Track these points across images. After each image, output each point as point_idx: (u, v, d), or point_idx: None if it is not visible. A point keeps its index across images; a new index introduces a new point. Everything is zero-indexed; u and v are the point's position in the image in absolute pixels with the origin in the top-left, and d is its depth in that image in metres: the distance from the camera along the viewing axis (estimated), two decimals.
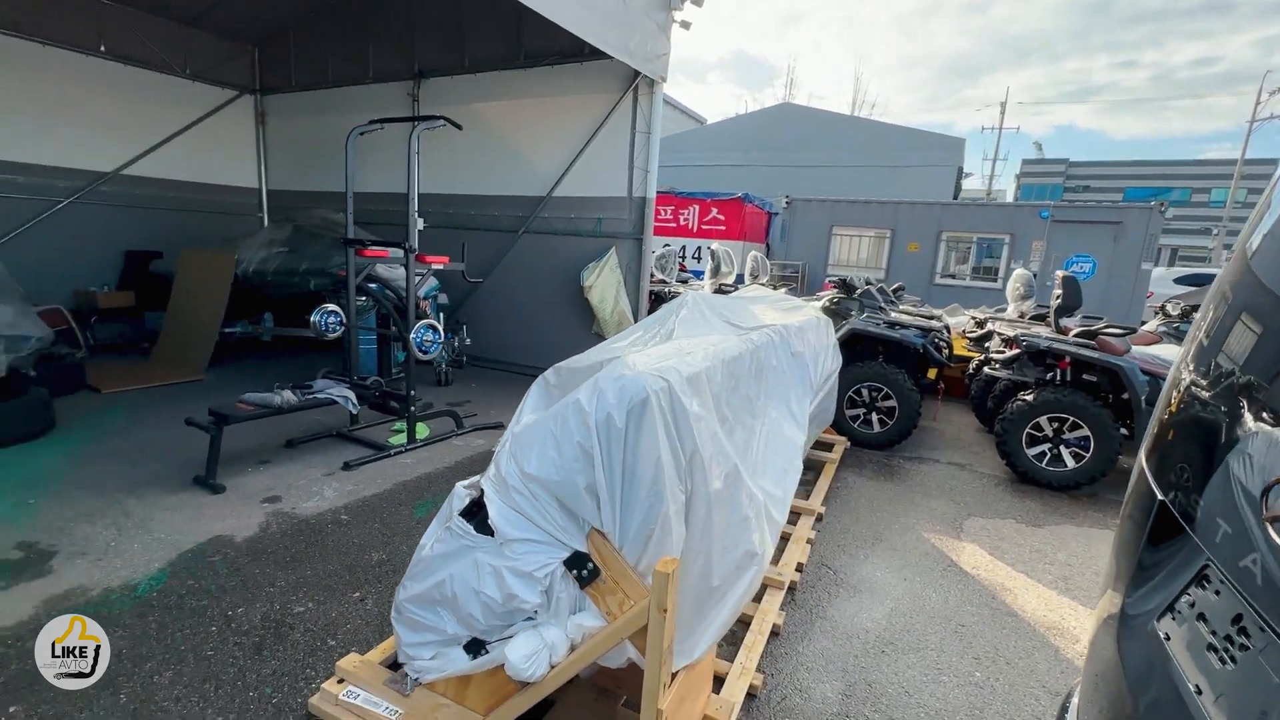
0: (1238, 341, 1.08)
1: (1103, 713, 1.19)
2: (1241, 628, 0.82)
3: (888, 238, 12.50)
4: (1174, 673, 0.88)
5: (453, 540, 1.73)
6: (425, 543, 1.98)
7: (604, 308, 6.05)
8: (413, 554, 1.86)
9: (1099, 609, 1.32)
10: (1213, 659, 0.84)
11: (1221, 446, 0.99)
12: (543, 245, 6.53)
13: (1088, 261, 10.98)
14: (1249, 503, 0.85)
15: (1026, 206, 11.65)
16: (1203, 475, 1.04)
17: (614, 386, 1.50)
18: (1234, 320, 1.10)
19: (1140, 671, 0.99)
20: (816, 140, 21.36)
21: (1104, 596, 1.32)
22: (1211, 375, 1.12)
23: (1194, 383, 1.21)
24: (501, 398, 5.80)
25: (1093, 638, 1.34)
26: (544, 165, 6.39)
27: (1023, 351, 4.55)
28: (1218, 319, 1.15)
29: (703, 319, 2.94)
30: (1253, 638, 0.80)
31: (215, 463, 3.51)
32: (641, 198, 5.93)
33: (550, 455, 1.51)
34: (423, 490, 3.67)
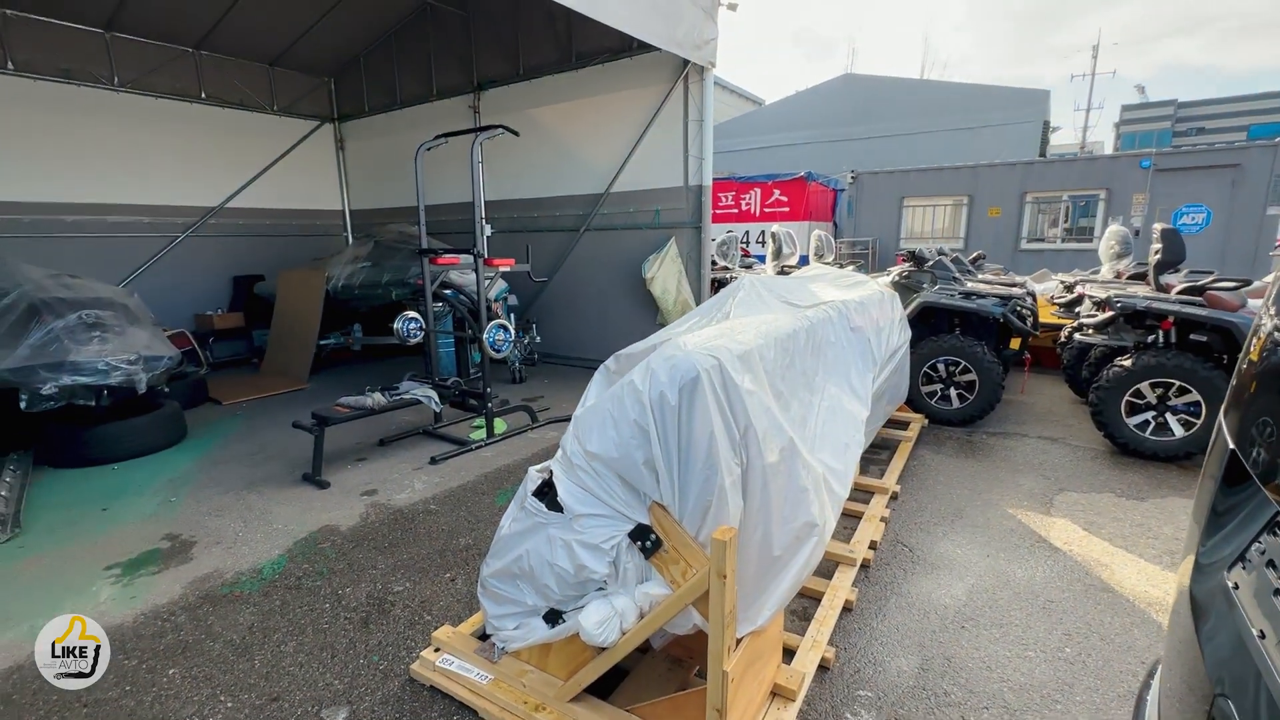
0: None
1: (1184, 679, 1.15)
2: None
3: (965, 204, 11.82)
4: (1239, 619, 0.85)
5: (527, 518, 1.87)
6: (504, 523, 2.13)
7: (666, 298, 6.11)
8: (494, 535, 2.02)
9: (1179, 572, 1.27)
10: (1279, 603, 0.81)
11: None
12: (604, 241, 6.67)
13: (1201, 211, 9.94)
14: None
15: (1124, 157, 10.67)
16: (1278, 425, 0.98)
17: (665, 366, 1.57)
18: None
19: (1208, 621, 0.96)
20: (882, 110, 20.41)
21: (1183, 560, 1.27)
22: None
23: (1276, 328, 1.14)
24: (571, 392, 5.99)
25: (1174, 602, 1.29)
26: (601, 162, 6.53)
27: (1117, 314, 4.22)
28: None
29: (759, 300, 2.96)
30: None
31: (320, 461, 3.87)
32: (698, 186, 5.94)
33: (609, 434, 1.60)
34: (503, 480, 3.89)
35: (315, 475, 3.85)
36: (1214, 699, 0.88)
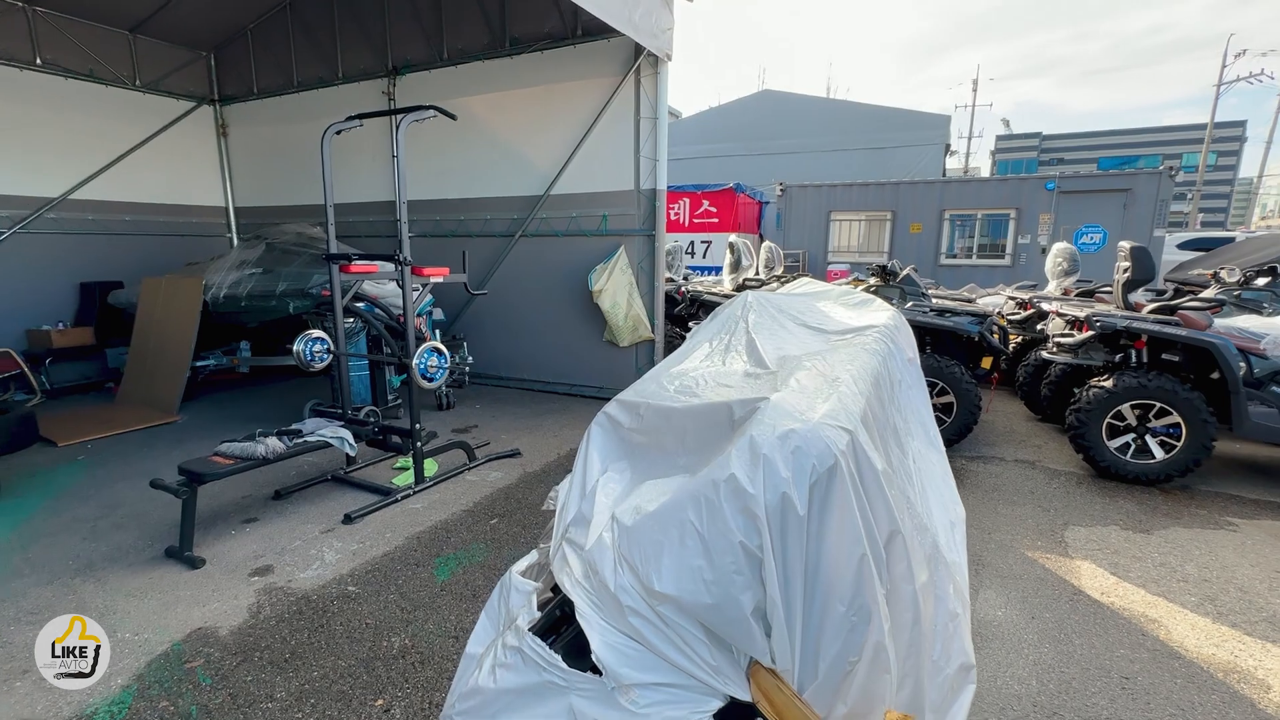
0: None
1: None
2: None
3: (889, 220, 12.10)
4: None
5: (528, 670, 1.21)
6: (474, 652, 1.47)
7: (616, 312, 5.52)
8: (441, 643, 1.33)
9: None
10: None
11: None
12: (543, 249, 5.98)
13: (1098, 232, 10.67)
14: None
15: (1032, 179, 11.30)
16: None
17: (783, 449, 0.98)
18: None
19: None
20: (798, 126, 20.98)
21: None
22: None
23: None
24: (510, 419, 5.25)
25: None
26: (539, 161, 5.84)
27: (1097, 333, 4.10)
28: None
29: (774, 322, 2.43)
30: None
31: (191, 530, 2.93)
32: (651, 190, 5.40)
33: (694, 564, 0.99)
34: (440, 543, 3.12)
35: (184, 550, 2.91)
36: None
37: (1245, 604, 2.66)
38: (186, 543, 2.91)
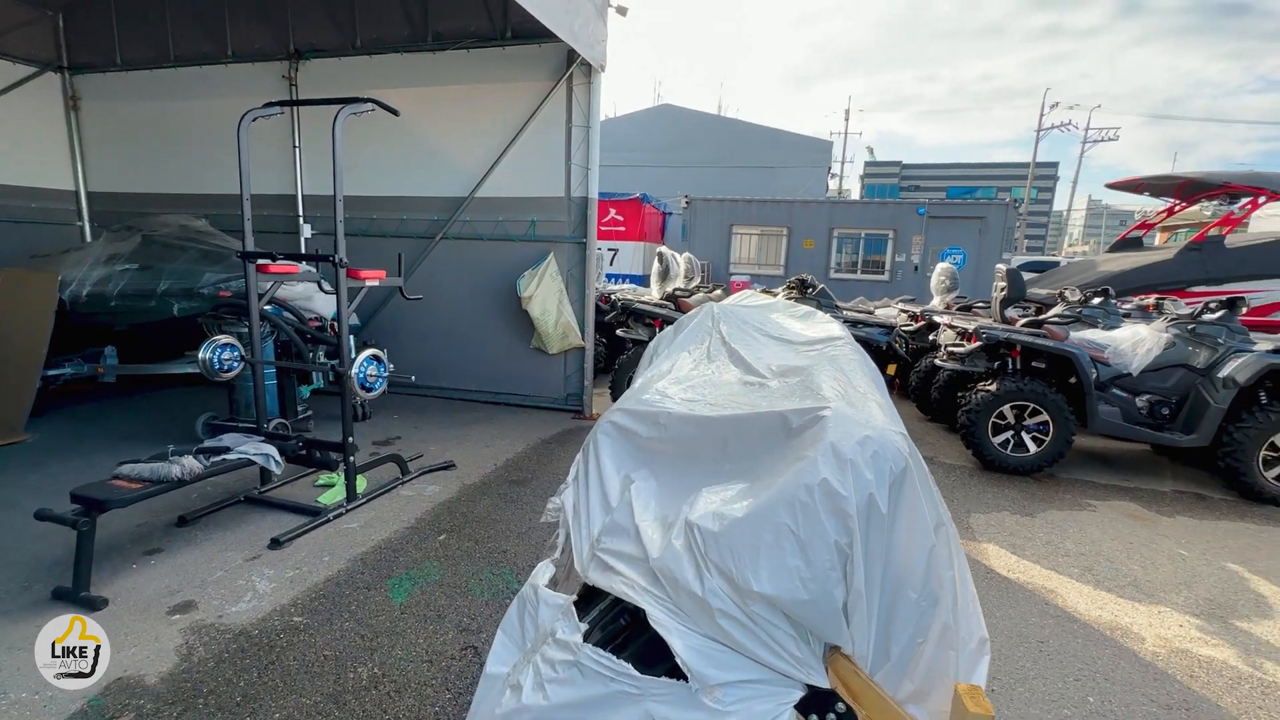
0: None
1: None
2: None
3: (785, 235, 12.94)
4: None
5: (591, 682, 1.21)
6: (497, 672, 1.45)
7: (546, 320, 5.46)
8: (416, 669, 1.30)
9: None
10: None
11: None
12: (467, 252, 5.78)
13: (959, 253, 12.09)
14: None
15: (907, 204, 12.60)
16: None
17: (864, 453, 1.08)
18: None
19: None
20: (694, 141, 21.85)
21: None
22: None
23: None
24: (435, 430, 5.02)
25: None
26: (464, 162, 5.65)
27: (985, 343, 4.69)
28: None
29: (744, 333, 2.57)
30: None
31: (88, 567, 2.53)
32: (583, 198, 5.42)
33: (793, 565, 1.05)
34: (389, 564, 2.94)
35: (80, 590, 2.50)
36: None
37: (1114, 571, 3.17)
38: (82, 581, 2.51)
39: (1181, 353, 4.59)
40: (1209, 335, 4.54)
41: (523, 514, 3.53)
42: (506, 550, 3.10)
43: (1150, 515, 3.92)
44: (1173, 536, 3.61)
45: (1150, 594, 2.96)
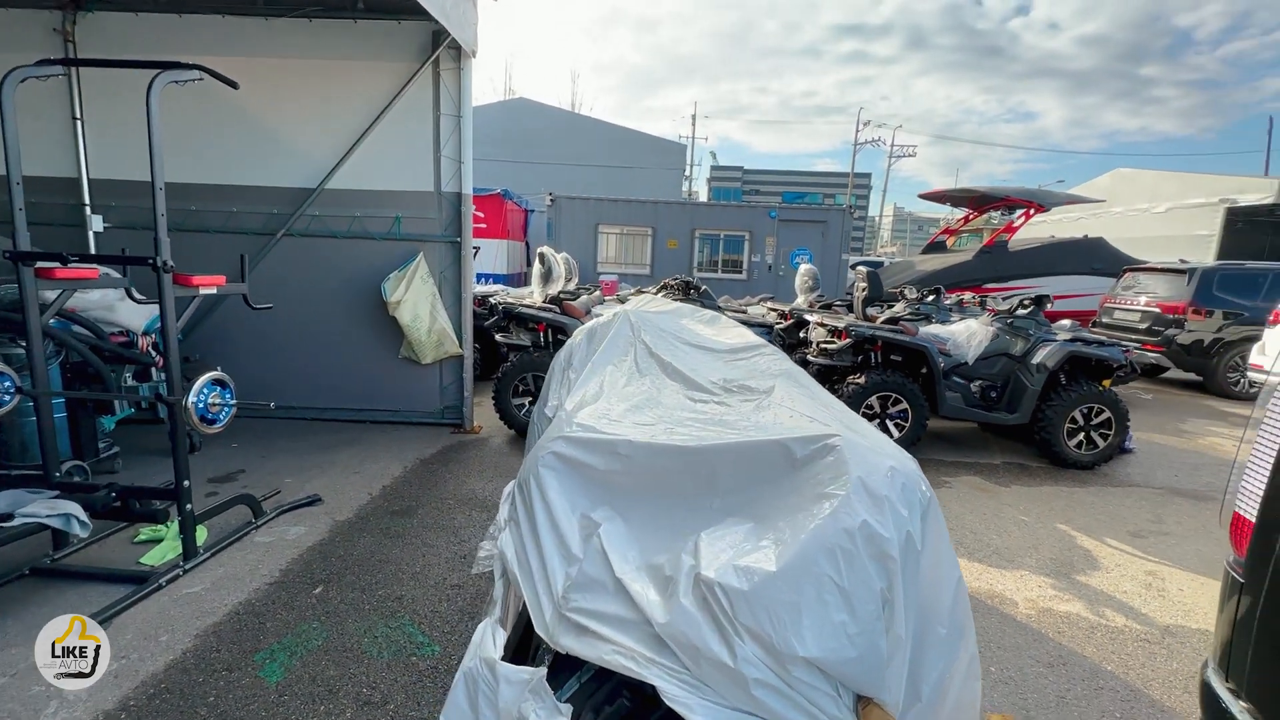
0: None
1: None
2: None
3: (650, 235, 13.16)
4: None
5: None
6: None
7: (418, 327, 4.95)
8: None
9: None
10: None
11: None
12: (317, 251, 5.06)
13: (806, 254, 13.14)
14: None
15: (760, 207, 13.41)
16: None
17: (894, 486, 1.01)
18: None
19: None
20: (551, 137, 21.52)
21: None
22: None
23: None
24: (287, 459, 4.33)
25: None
26: (310, 149, 4.93)
27: (855, 339, 5.06)
28: None
29: (667, 343, 2.48)
30: None
31: None
32: (455, 193, 4.98)
33: (837, 620, 0.94)
34: (253, 633, 2.42)
35: None
36: None
37: (978, 542, 3.56)
38: None
39: (1004, 343, 5.32)
40: (1023, 327, 5.31)
41: (413, 550, 3.13)
42: (402, 597, 2.71)
43: (993, 487, 4.49)
44: (1013, 505, 4.15)
45: (1010, 560, 3.35)
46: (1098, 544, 3.60)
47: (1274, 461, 1.55)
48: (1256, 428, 1.65)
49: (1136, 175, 23.17)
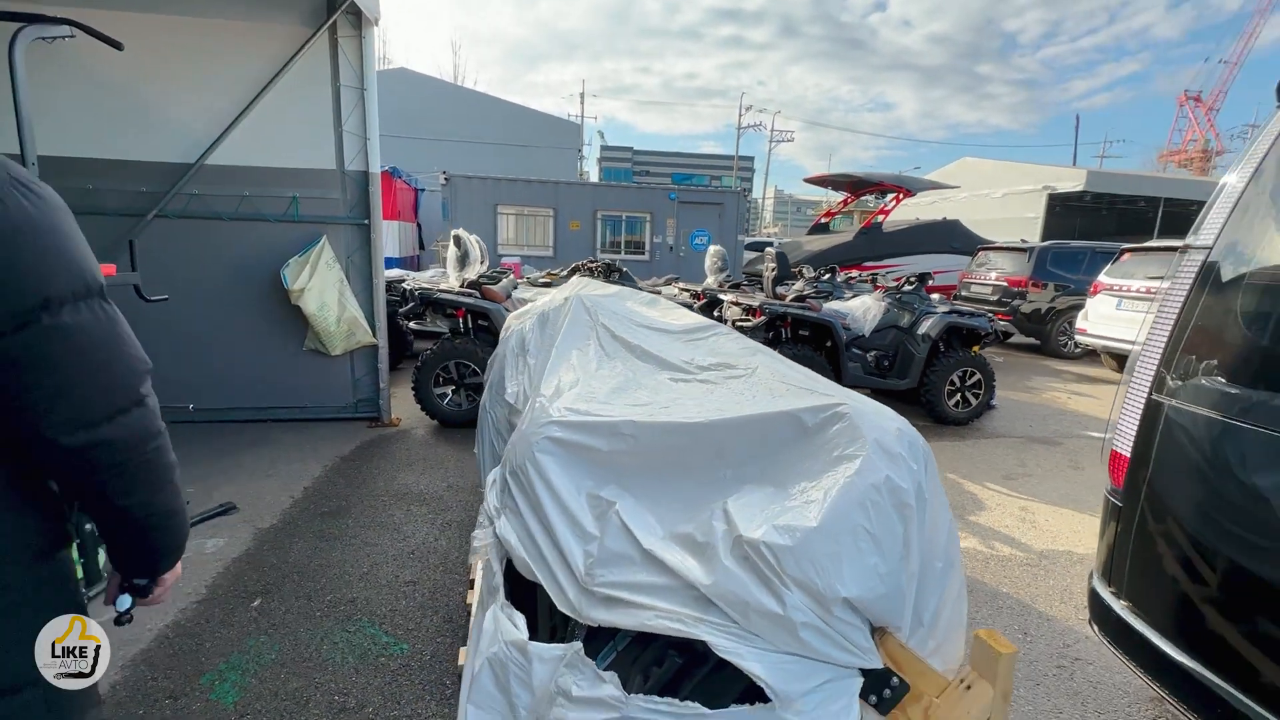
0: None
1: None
2: None
3: (551, 216, 12.97)
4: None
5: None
6: None
7: (326, 316, 4.61)
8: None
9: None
10: None
11: None
12: (200, 235, 4.54)
13: (705, 235, 13.60)
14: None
15: (661, 189, 13.64)
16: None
17: (904, 443, 1.16)
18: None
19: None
20: (437, 112, 20.44)
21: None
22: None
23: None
24: (184, 464, 3.90)
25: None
26: (189, 120, 4.38)
27: (769, 318, 5.38)
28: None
29: (624, 325, 2.56)
30: None
31: None
32: (362, 172, 4.66)
33: (870, 563, 1.08)
34: (191, 656, 2.22)
35: None
36: None
37: None
38: None
39: (893, 316, 5.90)
40: (909, 302, 5.92)
41: (356, 551, 2.99)
42: (354, 599, 2.60)
43: None
44: None
45: None
46: (980, 488, 4.16)
47: (1141, 412, 1.92)
48: (1127, 386, 2.02)
49: (979, 164, 26.09)
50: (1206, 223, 1.84)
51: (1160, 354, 1.87)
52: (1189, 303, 1.82)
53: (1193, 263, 1.83)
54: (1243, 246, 1.76)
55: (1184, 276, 1.85)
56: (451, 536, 3.17)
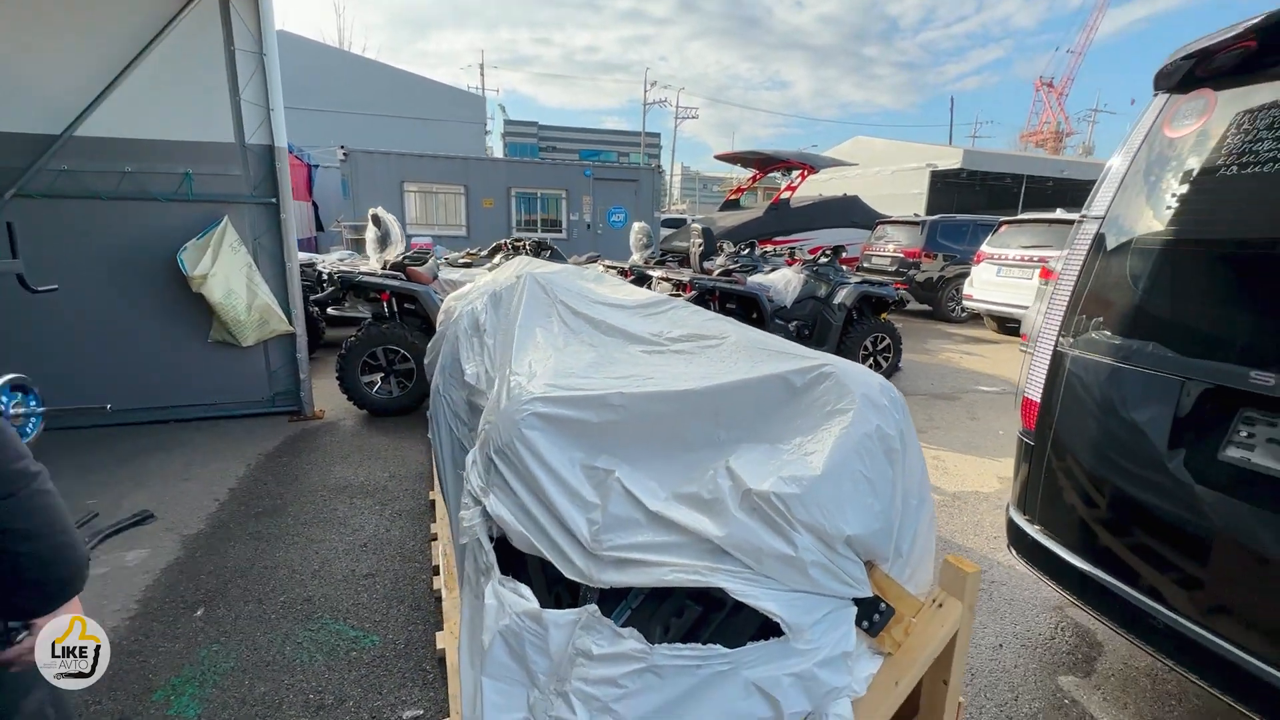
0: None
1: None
2: None
3: (462, 194, 12.48)
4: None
5: (678, 678, 1.20)
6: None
7: (234, 304, 4.25)
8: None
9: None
10: None
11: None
12: (73, 215, 4.02)
13: (621, 212, 13.62)
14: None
15: (575, 165, 13.46)
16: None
17: (887, 396, 1.30)
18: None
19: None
20: (325, 82, 18.92)
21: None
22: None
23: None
24: (83, 473, 3.55)
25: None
26: (53, 85, 3.83)
27: (698, 292, 5.54)
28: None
29: (582, 302, 2.59)
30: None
31: None
32: (266, 146, 4.29)
33: (867, 503, 1.20)
34: (139, 676, 2.06)
35: None
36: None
37: None
38: None
39: (812, 287, 6.25)
40: (825, 274, 6.29)
41: (302, 550, 2.85)
42: (311, 598, 2.49)
43: None
44: None
45: None
46: None
47: (1048, 364, 2.21)
48: (1034, 344, 2.31)
49: (870, 142, 27.73)
50: (1097, 199, 2.12)
51: (1063, 311, 2.16)
52: (1085, 266, 2.11)
53: (1087, 233, 2.12)
54: (1124, 219, 2.05)
55: (1080, 244, 2.14)
56: (404, 526, 3.09)
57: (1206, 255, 1.79)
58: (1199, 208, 1.80)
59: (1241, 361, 1.61)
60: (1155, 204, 1.93)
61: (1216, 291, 1.77)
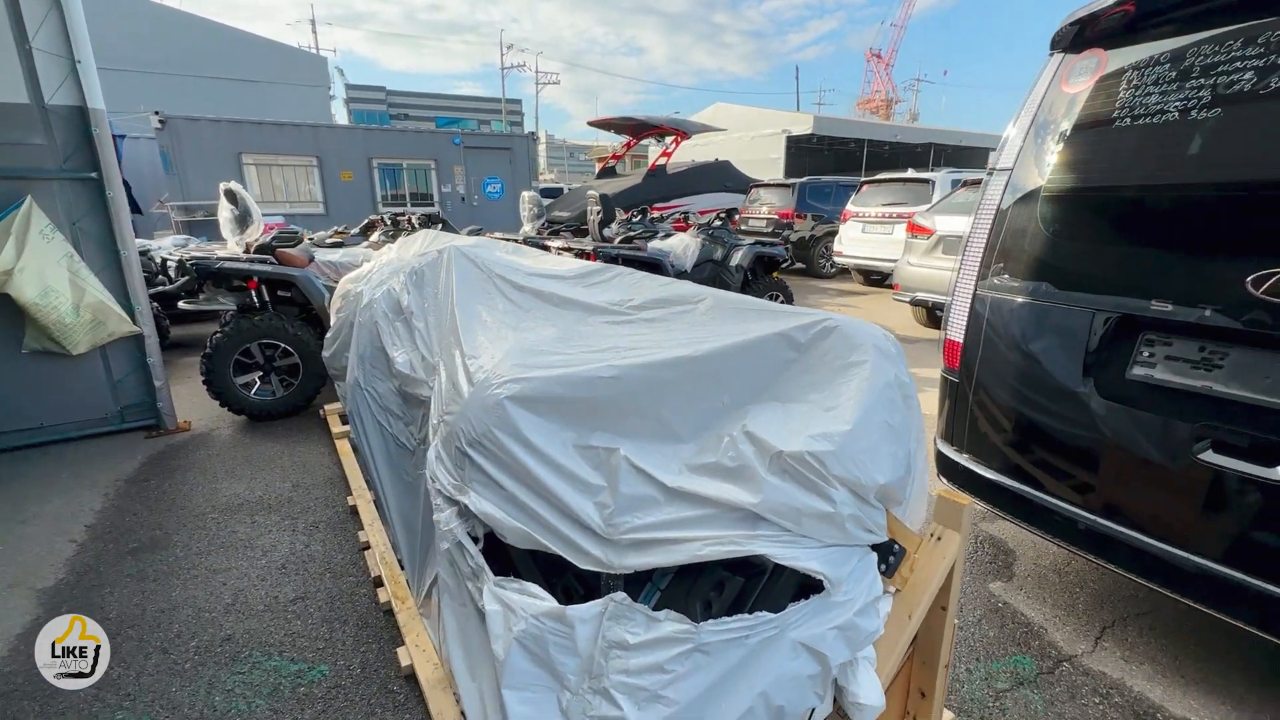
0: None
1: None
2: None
3: (315, 166, 11.20)
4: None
5: (726, 652, 1.18)
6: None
7: (55, 303, 3.49)
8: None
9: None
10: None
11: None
12: None
13: (498, 182, 12.99)
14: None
15: (443, 134, 12.54)
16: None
17: (893, 344, 1.32)
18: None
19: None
20: (133, 39, 15.96)
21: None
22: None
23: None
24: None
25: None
26: None
27: (602, 259, 5.42)
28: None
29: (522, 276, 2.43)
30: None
31: None
32: (76, 107, 3.49)
33: (892, 450, 1.22)
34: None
35: None
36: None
37: None
38: None
39: (709, 251, 6.37)
40: (720, 237, 6.44)
41: (204, 583, 2.44)
42: (230, 635, 2.15)
43: None
44: None
45: None
46: None
47: (967, 308, 2.41)
48: (953, 290, 2.49)
49: (730, 109, 28.68)
50: (1005, 152, 2.31)
51: (980, 257, 2.35)
52: (997, 215, 2.30)
53: (998, 184, 2.31)
54: (1031, 170, 2.25)
55: (992, 194, 2.33)
56: (325, 539, 2.76)
57: (1108, 199, 2.02)
58: (1098, 156, 2.02)
59: (1142, 294, 1.84)
60: (1059, 154, 2.13)
61: (1119, 232, 2.00)
